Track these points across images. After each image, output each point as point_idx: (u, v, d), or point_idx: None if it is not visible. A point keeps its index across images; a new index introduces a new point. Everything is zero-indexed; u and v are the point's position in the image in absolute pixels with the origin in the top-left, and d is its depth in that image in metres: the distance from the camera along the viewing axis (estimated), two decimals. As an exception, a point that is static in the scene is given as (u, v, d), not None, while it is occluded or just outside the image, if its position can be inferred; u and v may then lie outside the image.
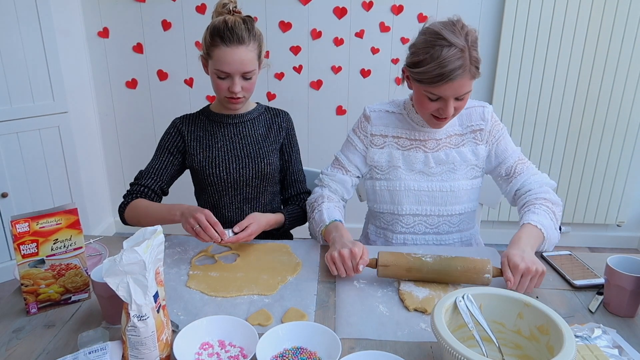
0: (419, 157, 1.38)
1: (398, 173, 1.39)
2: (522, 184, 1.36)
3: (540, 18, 2.50)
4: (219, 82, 1.37)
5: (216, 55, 1.33)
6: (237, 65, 1.33)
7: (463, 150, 1.38)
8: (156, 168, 1.48)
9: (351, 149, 1.44)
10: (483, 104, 1.39)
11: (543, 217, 1.23)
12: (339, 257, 1.13)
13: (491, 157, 1.39)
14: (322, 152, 2.88)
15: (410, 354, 0.90)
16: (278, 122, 1.53)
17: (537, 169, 1.40)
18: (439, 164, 1.38)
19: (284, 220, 1.44)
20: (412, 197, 1.40)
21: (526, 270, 1.05)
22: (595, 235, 2.95)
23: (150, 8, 2.69)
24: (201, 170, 1.47)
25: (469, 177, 1.40)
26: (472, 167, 1.39)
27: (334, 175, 1.44)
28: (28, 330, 0.97)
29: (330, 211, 1.34)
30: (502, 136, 1.39)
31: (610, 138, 2.69)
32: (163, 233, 0.90)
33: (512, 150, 1.39)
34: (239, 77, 1.35)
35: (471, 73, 1.19)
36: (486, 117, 1.36)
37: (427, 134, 1.38)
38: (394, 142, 1.40)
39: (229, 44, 1.31)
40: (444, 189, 1.38)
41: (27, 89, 2.34)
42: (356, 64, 2.74)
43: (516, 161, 1.38)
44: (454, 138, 1.38)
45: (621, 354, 0.87)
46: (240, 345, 0.90)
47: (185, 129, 1.49)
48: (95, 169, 2.96)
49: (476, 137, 1.38)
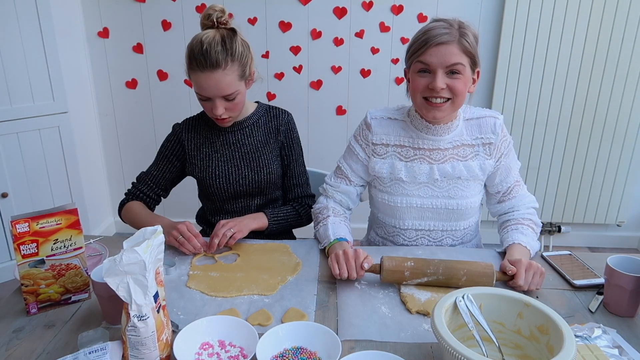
0: (423, 169, 1.30)
1: (400, 188, 1.32)
2: (512, 206, 1.36)
3: (540, 18, 2.50)
4: (203, 104, 1.35)
5: (193, 79, 1.30)
6: (213, 90, 1.28)
7: (471, 164, 1.30)
8: (154, 175, 1.49)
9: (353, 157, 1.39)
10: (495, 114, 1.32)
11: (530, 238, 1.26)
12: (343, 256, 1.13)
13: (496, 174, 1.34)
14: (322, 153, 2.88)
15: (410, 354, 0.90)
16: (277, 125, 1.48)
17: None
18: (445, 178, 1.30)
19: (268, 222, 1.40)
20: (414, 213, 1.34)
21: (529, 265, 1.10)
22: (595, 235, 2.95)
23: (150, 8, 2.69)
24: (202, 181, 1.47)
25: (477, 193, 1.34)
26: (479, 182, 1.34)
27: (338, 187, 1.41)
28: (28, 330, 0.97)
29: (336, 227, 1.29)
30: (509, 152, 1.33)
31: (610, 138, 2.69)
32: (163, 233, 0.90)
33: (514, 169, 1.34)
34: (220, 100, 1.31)
35: (461, 45, 1.17)
36: (497, 131, 1.29)
37: (432, 142, 1.30)
38: (397, 151, 1.33)
39: (202, 69, 1.26)
40: (450, 206, 1.31)
41: (27, 89, 2.34)
42: (356, 64, 2.74)
43: (514, 183, 1.34)
44: (462, 149, 1.30)
45: (621, 354, 0.87)
46: (240, 345, 0.90)
47: (186, 137, 1.48)
48: (95, 169, 2.96)
49: (486, 151, 1.31)
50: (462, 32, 1.19)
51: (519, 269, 1.10)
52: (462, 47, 1.18)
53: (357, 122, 2.79)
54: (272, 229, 1.42)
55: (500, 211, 1.39)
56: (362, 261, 1.11)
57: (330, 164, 2.51)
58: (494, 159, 1.32)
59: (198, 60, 1.27)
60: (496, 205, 1.40)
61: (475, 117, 1.32)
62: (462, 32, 1.18)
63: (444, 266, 1.11)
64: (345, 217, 1.39)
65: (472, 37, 1.20)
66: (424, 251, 1.31)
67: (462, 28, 1.19)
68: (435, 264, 1.11)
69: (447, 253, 1.28)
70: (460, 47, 1.17)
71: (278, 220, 1.43)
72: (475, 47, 1.20)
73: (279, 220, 1.44)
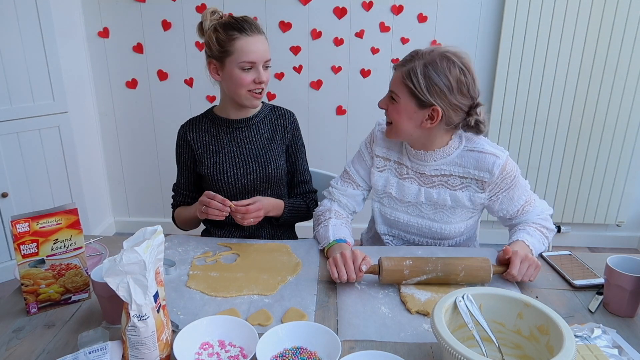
0: (412, 189, 1.33)
1: (390, 201, 1.38)
2: (524, 220, 1.31)
3: (540, 18, 2.50)
4: (244, 76, 1.35)
5: (239, 47, 1.32)
6: (261, 53, 1.34)
7: (459, 195, 1.29)
8: (182, 183, 1.55)
9: (362, 162, 1.43)
10: (497, 153, 1.25)
11: (536, 239, 1.25)
12: (341, 259, 1.13)
13: (494, 205, 1.31)
14: (322, 153, 2.88)
15: (410, 354, 0.90)
16: (283, 123, 1.51)
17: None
18: (430, 203, 1.32)
19: (283, 209, 1.46)
20: (402, 227, 1.39)
21: (524, 257, 1.12)
22: (595, 235, 2.95)
23: (150, 8, 2.69)
24: (209, 177, 1.47)
25: (464, 219, 1.34)
26: (467, 210, 1.33)
27: (344, 190, 1.42)
28: (28, 330, 0.97)
29: (337, 228, 1.30)
30: (511, 187, 1.27)
31: (610, 138, 2.68)
32: (163, 233, 0.90)
33: (519, 197, 1.29)
34: (262, 67, 1.36)
35: (402, 77, 1.20)
36: (494, 171, 1.24)
37: (418, 166, 1.31)
38: (394, 167, 1.36)
39: (250, 33, 1.33)
40: (434, 228, 1.34)
41: (27, 89, 2.33)
42: (356, 64, 2.74)
43: (523, 205, 1.29)
44: (451, 179, 1.29)
45: (621, 354, 0.87)
46: (240, 345, 0.90)
47: (191, 137, 1.49)
48: (95, 169, 2.96)
49: (478, 186, 1.28)
50: (412, 68, 1.18)
51: (514, 259, 1.11)
52: (402, 79, 1.20)
53: (357, 122, 2.82)
54: (285, 219, 1.48)
55: (512, 224, 1.36)
56: (360, 263, 1.11)
57: (330, 163, 2.51)
58: (488, 193, 1.29)
59: (242, 26, 1.33)
60: (508, 221, 1.36)
61: (477, 150, 1.27)
62: (412, 68, 1.18)
63: (442, 263, 1.12)
64: (346, 220, 1.39)
65: (420, 76, 1.17)
66: (424, 251, 1.31)
67: (415, 63, 1.18)
68: (434, 261, 1.12)
69: (447, 253, 1.28)
70: (400, 78, 1.21)
71: (292, 210, 1.49)
72: (423, 85, 1.17)
73: (293, 211, 1.49)
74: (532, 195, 1.32)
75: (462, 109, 1.20)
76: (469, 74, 1.18)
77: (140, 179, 3.03)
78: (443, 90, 1.16)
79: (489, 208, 1.34)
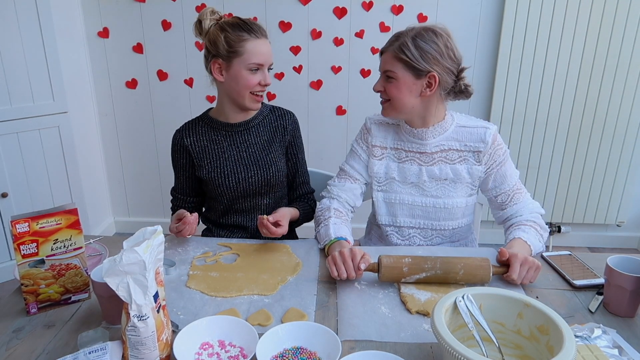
0: (413, 169, 1.38)
1: (394, 185, 1.40)
2: (515, 212, 1.36)
3: (540, 18, 2.50)
4: (251, 77, 1.35)
5: (249, 49, 1.33)
6: (267, 56, 1.37)
7: (459, 167, 1.36)
8: (179, 188, 1.55)
9: (356, 158, 1.45)
10: (487, 125, 1.36)
11: (532, 236, 1.27)
12: (340, 257, 1.13)
13: (488, 180, 1.38)
14: (321, 153, 2.88)
15: (410, 354, 0.90)
16: (283, 124, 1.50)
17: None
18: (432, 179, 1.37)
19: (299, 215, 1.49)
20: (406, 210, 1.41)
21: (524, 259, 1.11)
22: (595, 235, 2.95)
23: (150, 8, 2.69)
24: (210, 181, 1.46)
25: (464, 195, 1.39)
26: (466, 185, 1.38)
27: (342, 185, 1.44)
28: (28, 330, 0.97)
29: (337, 227, 1.31)
30: (504, 161, 1.36)
31: (610, 138, 2.69)
32: (163, 233, 0.90)
33: (511, 176, 1.37)
34: (266, 69, 1.38)
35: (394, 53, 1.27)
36: (486, 139, 1.33)
37: (419, 146, 1.37)
38: (392, 153, 1.41)
39: (258, 35, 1.35)
40: (437, 205, 1.38)
41: (27, 89, 2.34)
42: (356, 64, 2.74)
43: (513, 190, 1.36)
44: (449, 153, 1.36)
45: (621, 354, 0.87)
46: (240, 345, 0.90)
47: (188, 141, 1.47)
48: (95, 169, 2.96)
49: (475, 158, 1.36)
50: (403, 42, 1.26)
51: (513, 263, 1.11)
52: (395, 55, 1.27)
53: (357, 122, 2.81)
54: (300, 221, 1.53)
55: (503, 217, 1.39)
56: (359, 261, 1.11)
57: (331, 163, 2.51)
58: (484, 165, 1.36)
59: (252, 29, 1.35)
60: (499, 212, 1.40)
61: (469, 125, 1.37)
62: (402, 43, 1.26)
63: (441, 261, 1.12)
64: (347, 218, 1.40)
65: (412, 48, 1.25)
66: (424, 251, 1.32)
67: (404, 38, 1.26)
68: (433, 260, 1.12)
69: (447, 252, 1.29)
70: (393, 55, 1.28)
71: (307, 218, 1.54)
72: (417, 55, 1.25)
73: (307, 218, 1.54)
74: (521, 185, 1.39)
75: (453, 72, 1.30)
76: (451, 40, 1.29)
77: (140, 179, 3.04)
78: (435, 56, 1.25)
79: (484, 186, 1.40)
